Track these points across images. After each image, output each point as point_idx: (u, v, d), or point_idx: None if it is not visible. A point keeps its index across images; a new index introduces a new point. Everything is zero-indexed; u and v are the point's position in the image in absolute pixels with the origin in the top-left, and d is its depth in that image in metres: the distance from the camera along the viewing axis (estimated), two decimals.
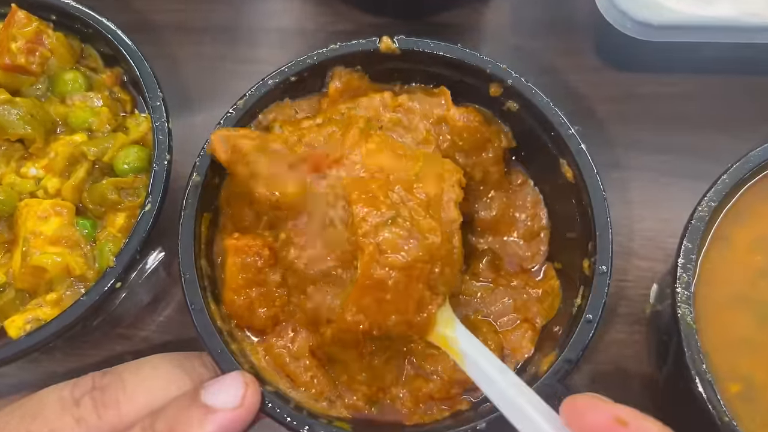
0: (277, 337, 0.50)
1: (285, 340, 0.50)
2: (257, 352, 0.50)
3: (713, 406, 0.46)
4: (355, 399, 0.50)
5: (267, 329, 0.50)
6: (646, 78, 0.72)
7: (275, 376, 0.50)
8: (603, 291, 0.47)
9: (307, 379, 0.50)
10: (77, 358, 0.62)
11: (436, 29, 0.56)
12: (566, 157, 0.52)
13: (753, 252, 0.52)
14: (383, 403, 0.50)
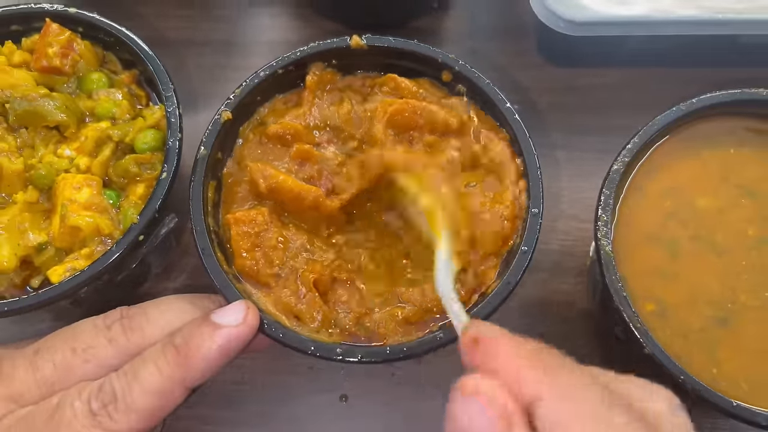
0: (283, 287, 0.59)
1: (290, 288, 0.59)
2: (267, 302, 0.59)
3: (628, 317, 0.56)
4: (349, 324, 0.58)
5: (271, 283, 0.60)
6: (581, 72, 0.84)
7: (283, 318, 0.58)
8: (535, 227, 0.58)
9: (311, 314, 0.58)
10: None
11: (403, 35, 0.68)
12: (505, 126, 0.63)
13: (663, 199, 0.63)
14: (369, 329, 0.59)
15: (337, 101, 0.65)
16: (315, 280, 0.59)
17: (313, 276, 0.59)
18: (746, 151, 0.65)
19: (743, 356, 0.58)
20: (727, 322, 0.59)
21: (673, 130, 0.65)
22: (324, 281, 0.59)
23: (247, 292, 0.58)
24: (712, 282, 0.60)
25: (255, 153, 0.63)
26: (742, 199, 0.63)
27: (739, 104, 0.64)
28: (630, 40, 0.77)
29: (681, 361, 0.57)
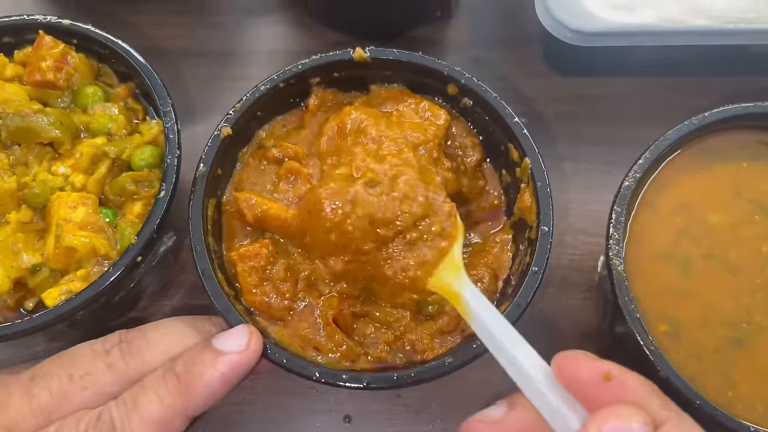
0: (299, 319, 0.58)
1: (308, 321, 0.57)
2: (284, 335, 0.57)
3: (642, 339, 0.55)
4: (379, 350, 0.57)
5: (285, 317, 0.58)
6: (589, 81, 0.82)
7: (301, 350, 0.57)
8: (546, 247, 0.57)
9: (332, 346, 0.56)
10: None
11: (405, 45, 0.66)
12: (513, 142, 0.61)
13: (675, 215, 0.62)
14: (403, 350, 0.57)
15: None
16: (334, 317, 0.57)
17: (332, 313, 0.57)
18: (760, 165, 0.64)
19: (759, 378, 0.56)
20: (741, 343, 0.57)
21: (684, 145, 0.63)
22: (344, 316, 0.57)
23: (261, 326, 0.56)
24: (726, 301, 0.59)
25: (253, 179, 0.62)
26: (755, 215, 0.61)
27: (752, 118, 0.63)
28: (638, 49, 0.76)
29: (695, 384, 0.56)
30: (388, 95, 0.63)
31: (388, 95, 0.63)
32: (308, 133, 0.63)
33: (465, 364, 0.53)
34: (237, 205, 0.59)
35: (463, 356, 0.53)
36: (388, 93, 0.63)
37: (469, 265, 0.60)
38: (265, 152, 0.62)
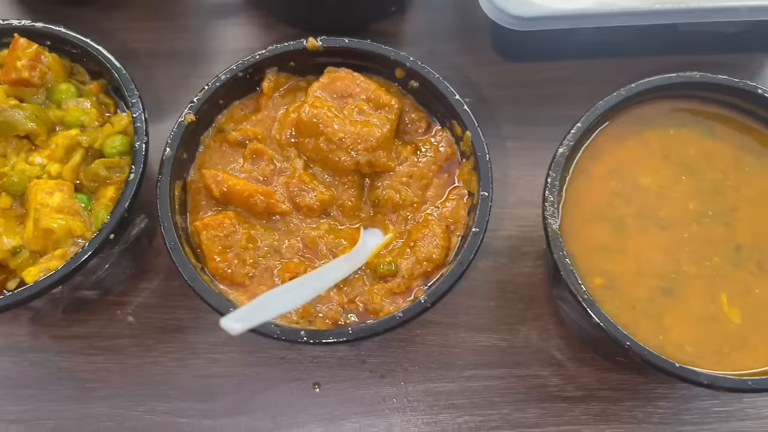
0: (259, 284, 0.62)
1: (266, 285, 0.62)
2: (244, 301, 0.61)
3: (575, 290, 0.59)
4: (333, 311, 0.61)
5: (246, 283, 0.63)
6: (536, 66, 0.88)
7: None
8: (486, 210, 0.62)
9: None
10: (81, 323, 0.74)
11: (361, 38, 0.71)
12: (456, 118, 0.66)
13: (608, 180, 0.67)
14: (357, 312, 0.62)
15: (291, 103, 0.68)
16: (291, 278, 0.61)
17: (288, 275, 0.62)
18: (685, 131, 0.69)
19: (688, 322, 0.61)
20: (672, 292, 0.62)
21: (615, 115, 0.69)
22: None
23: (222, 293, 0.61)
24: (656, 255, 0.63)
25: (215, 160, 0.66)
26: (682, 176, 0.67)
27: (676, 87, 0.68)
28: (579, 33, 0.81)
29: (629, 330, 0.60)
30: (344, 78, 0.68)
31: (344, 78, 0.68)
32: (264, 116, 0.68)
33: (414, 318, 0.58)
34: (204, 181, 0.64)
35: (413, 311, 0.58)
36: (344, 76, 0.68)
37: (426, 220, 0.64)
38: (225, 135, 0.67)
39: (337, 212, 0.66)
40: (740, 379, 0.56)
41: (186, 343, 0.74)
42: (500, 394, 0.72)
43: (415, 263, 0.62)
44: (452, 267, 0.60)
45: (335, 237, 0.64)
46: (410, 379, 0.73)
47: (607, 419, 0.71)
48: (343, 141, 0.64)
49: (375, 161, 0.65)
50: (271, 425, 0.71)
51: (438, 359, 0.74)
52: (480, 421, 0.71)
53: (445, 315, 0.75)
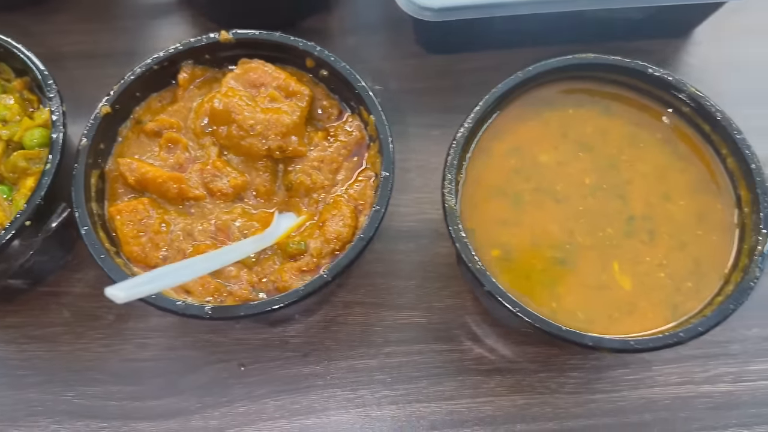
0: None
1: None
2: None
3: (468, 260, 0.62)
4: (243, 289, 0.64)
5: (159, 265, 0.65)
6: (457, 57, 0.91)
7: (175, 294, 0.64)
8: (387, 189, 0.65)
9: (200, 287, 0.64)
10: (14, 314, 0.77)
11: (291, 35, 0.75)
12: (361, 104, 0.70)
13: (508, 158, 0.70)
14: (267, 290, 0.65)
15: (207, 93, 0.71)
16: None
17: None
18: (583, 110, 0.72)
19: (579, 290, 0.64)
20: (565, 262, 0.65)
21: (515, 97, 0.72)
22: None
23: (135, 274, 0.63)
24: (552, 227, 0.67)
25: (133, 150, 0.70)
26: (580, 153, 0.70)
27: (572, 69, 0.72)
28: (495, 23, 0.84)
29: (525, 298, 0.63)
30: (256, 69, 0.71)
31: (256, 69, 0.71)
32: (181, 107, 0.71)
33: (316, 291, 0.61)
34: (119, 169, 0.67)
35: (314, 284, 0.61)
36: (256, 66, 0.71)
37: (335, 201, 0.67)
38: (142, 126, 0.70)
39: (251, 197, 0.69)
40: (623, 339, 0.59)
41: (116, 329, 0.77)
42: (418, 369, 0.75)
43: (323, 242, 0.65)
44: (354, 243, 0.63)
45: (248, 220, 0.67)
46: (332, 357, 0.76)
47: (521, 390, 0.74)
48: (254, 128, 0.67)
49: (286, 147, 0.68)
50: (197, 405, 0.73)
51: (360, 337, 0.77)
52: (399, 395, 0.74)
53: (367, 295, 0.78)
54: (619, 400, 0.74)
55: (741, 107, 0.88)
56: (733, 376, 0.75)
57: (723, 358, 0.75)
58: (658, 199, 0.67)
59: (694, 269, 0.65)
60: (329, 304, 0.78)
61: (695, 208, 0.67)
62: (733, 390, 0.74)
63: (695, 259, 0.65)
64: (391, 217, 0.82)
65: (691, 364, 0.75)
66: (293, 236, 0.66)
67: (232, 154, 0.70)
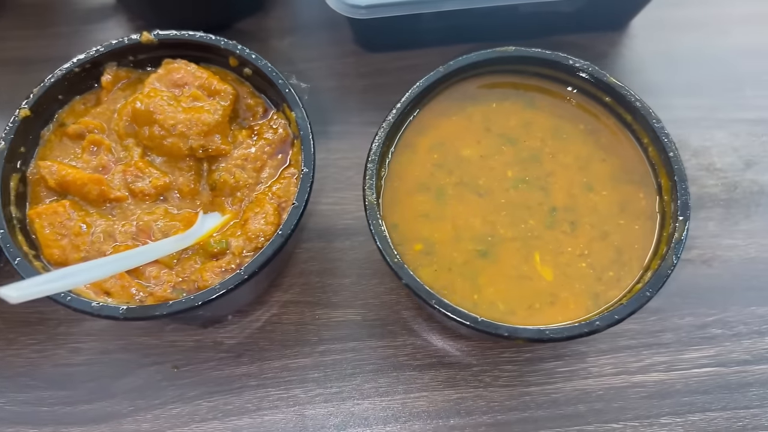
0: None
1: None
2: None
3: (386, 254, 0.62)
4: (163, 289, 0.64)
5: None
6: (394, 56, 0.92)
7: (93, 296, 0.64)
8: (306, 185, 0.65)
9: (120, 289, 0.63)
10: None
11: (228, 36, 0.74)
12: (284, 101, 0.70)
13: (432, 153, 0.70)
14: (189, 289, 0.64)
15: (131, 95, 0.71)
16: None
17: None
18: (507, 104, 0.72)
19: (500, 281, 0.64)
20: (487, 254, 0.65)
21: (438, 92, 0.72)
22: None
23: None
24: (474, 220, 0.67)
25: (55, 153, 0.69)
26: (503, 147, 0.70)
27: (494, 62, 0.72)
28: (428, 20, 0.85)
29: (446, 291, 0.63)
30: (179, 69, 0.71)
31: (179, 69, 0.71)
32: (105, 109, 0.71)
33: (233, 289, 0.60)
34: (39, 172, 0.67)
35: (231, 282, 0.60)
36: (179, 67, 0.71)
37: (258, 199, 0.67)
38: (65, 129, 0.70)
39: (175, 197, 0.69)
40: (538, 329, 0.59)
41: (48, 334, 0.76)
42: (353, 366, 0.75)
43: (245, 240, 0.65)
44: (272, 239, 0.63)
45: (170, 220, 0.67)
46: (266, 357, 0.75)
47: (455, 384, 0.74)
48: (175, 127, 0.67)
49: (208, 146, 0.68)
50: (130, 408, 0.73)
51: (294, 337, 0.76)
52: (332, 392, 0.74)
53: (302, 294, 0.78)
54: (554, 392, 0.74)
55: (676, 98, 0.89)
56: (666, 365, 0.75)
57: (656, 348, 0.76)
58: (580, 189, 0.68)
59: (615, 258, 0.65)
60: (264, 304, 0.78)
61: (618, 198, 0.68)
62: (665, 379, 0.74)
63: (617, 249, 0.65)
64: (328, 215, 0.83)
65: (626, 354, 0.76)
66: (215, 235, 0.66)
67: (155, 155, 0.70)
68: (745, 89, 0.90)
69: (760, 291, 0.78)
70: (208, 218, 0.68)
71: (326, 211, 0.83)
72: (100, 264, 0.56)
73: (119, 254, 0.59)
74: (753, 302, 0.78)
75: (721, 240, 0.81)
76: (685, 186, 0.65)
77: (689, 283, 0.79)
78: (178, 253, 0.66)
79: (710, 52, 0.93)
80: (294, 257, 0.80)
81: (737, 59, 0.92)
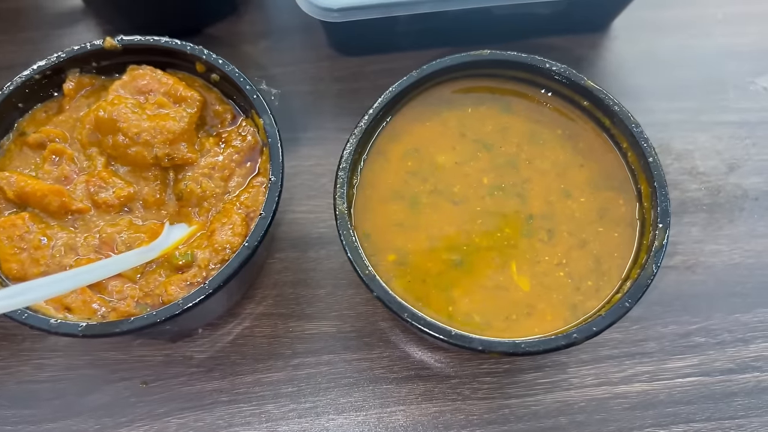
0: None
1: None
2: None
3: (357, 266, 0.60)
4: (126, 305, 0.61)
5: None
6: (370, 59, 0.90)
7: (54, 312, 0.61)
8: (274, 194, 0.62)
9: (81, 304, 0.61)
10: None
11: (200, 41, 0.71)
12: (252, 107, 0.67)
13: (405, 160, 0.68)
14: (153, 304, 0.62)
15: (95, 102, 0.69)
16: None
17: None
18: (483, 108, 0.70)
19: (476, 292, 0.62)
20: (462, 264, 0.63)
21: (412, 97, 0.70)
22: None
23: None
24: (449, 229, 0.65)
25: (15, 163, 0.67)
26: (478, 153, 0.68)
27: (468, 66, 0.70)
28: (403, 23, 0.83)
29: (421, 302, 0.61)
30: (144, 75, 0.69)
31: (144, 75, 0.69)
32: (67, 117, 0.68)
33: (197, 304, 0.58)
34: None
35: (194, 297, 0.58)
36: (144, 73, 0.69)
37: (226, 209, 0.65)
38: (25, 138, 0.67)
39: (140, 208, 0.67)
40: (513, 342, 0.57)
41: (11, 350, 0.74)
42: (328, 380, 0.73)
43: (212, 252, 0.63)
44: (238, 251, 0.60)
45: (134, 232, 0.65)
46: (238, 372, 0.73)
47: (433, 398, 0.72)
48: (139, 135, 0.65)
49: (174, 154, 0.66)
50: (96, 426, 0.70)
51: (267, 350, 0.74)
52: (306, 408, 0.71)
53: (276, 306, 0.76)
54: (534, 404, 0.72)
55: (658, 101, 0.88)
56: (649, 375, 0.73)
57: (639, 357, 0.74)
58: (558, 196, 0.66)
59: (594, 267, 0.63)
60: (236, 317, 0.76)
61: (596, 205, 0.66)
62: (649, 389, 0.72)
63: (596, 257, 0.64)
64: (302, 223, 0.81)
65: (608, 365, 0.74)
66: (180, 248, 0.64)
67: (120, 165, 0.67)
68: (729, 91, 0.89)
69: (744, 297, 0.77)
70: (174, 230, 0.65)
71: (300, 220, 0.81)
72: (60, 279, 0.54)
73: (80, 268, 0.57)
74: (737, 309, 0.76)
75: (705, 246, 0.79)
76: (665, 192, 0.63)
77: (672, 290, 0.77)
78: (142, 266, 0.63)
79: (693, 54, 0.91)
80: (267, 268, 0.78)
81: (720, 61, 0.91)
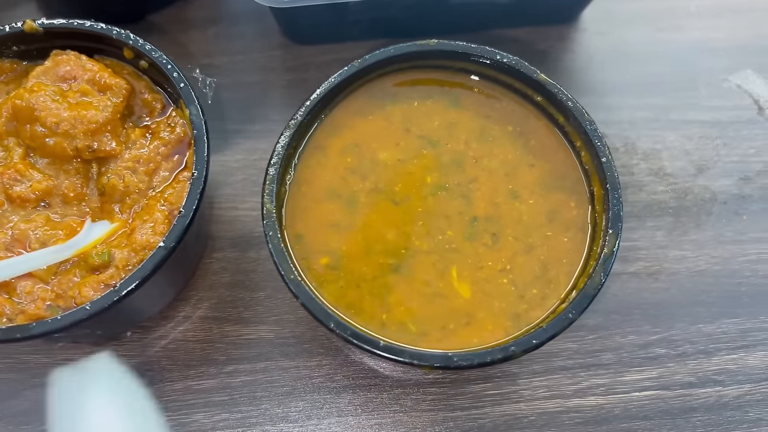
0: None
1: None
2: None
3: (282, 269, 0.56)
4: (36, 307, 0.57)
5: None
6: (323, 48, 0.85)
7: None
8: (196, 191, 0.58)
9: None
10: None
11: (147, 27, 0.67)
12: (181, 97, 0.63)
13: (345, 156, 0.64)
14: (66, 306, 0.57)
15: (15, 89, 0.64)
16: None
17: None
18: (429, 102, 0.66)
19: (413, 300, 0.58)
20: (399, 269, 0.59)
21: (354, 89, 0.66)
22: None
23: None
24: (388, 231, 0.60)
25: None
26: (423, 150, 0.64)
27: (414, 57, 0.66)
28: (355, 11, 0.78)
29: (353, 310, 0.57)
30: (68, 61, 0.64)
31: (68, 61, 0.64)
32: None
33: (106, 309, 0.54)
34: None
35: (103, 301, 0.54)
36: (68, 59, 0.64)
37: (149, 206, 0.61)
38: None
39: (60, 203, 0.62)
40: (445, 354, 0.53)
41: None
42: (263, 388, 0.68)
43: (130, 252, 0.58)
44: (153, 252, 0.56)
45: (50, 229, 0.60)
46: (167, 378, 0.69)
47: (373, 409, 0.68)
48: (58, 125, 0.60)
49: (96, 146, 0.61)
50: None
51: (199, 356, 0.70)
52: (238, 418, 0.67)
53: (211, 309, 0.72)
54: (480, 417, 0.68)
55: (626, 98, 0.84)
56: (604, 388, 0.69)
57: (594, 369, 0.70)
58: (505, 197, 0.62)
59: (540, 274, 0.59)
60: (168, 320, 0.71)
61: (546, 207, 0.61)
62: (603, 403, 0.68)
63: (543, 263, 0.59)
64: (244, 221, 0.76)
65: (561, 376, 0.70)
66: (98, 246, 0.59)
67: (39, 156, 0.63)
68: (700, 88, 0.84)
69: (709, 307, 0.72)
70: (95, 227, 0.61)
71: (243, 217, 0.76)
72: None
73: None
74: (700, 319, 0.72)
75: (669, 251, 0.75)
76: (617, 195, 0.58)
77: (633, 298, 0.73)
78: (56, 265, 0.59)
79: (663, 49, 0.87)
80: (203, 268, 0.73)
81: (692, 56, 0.86)
